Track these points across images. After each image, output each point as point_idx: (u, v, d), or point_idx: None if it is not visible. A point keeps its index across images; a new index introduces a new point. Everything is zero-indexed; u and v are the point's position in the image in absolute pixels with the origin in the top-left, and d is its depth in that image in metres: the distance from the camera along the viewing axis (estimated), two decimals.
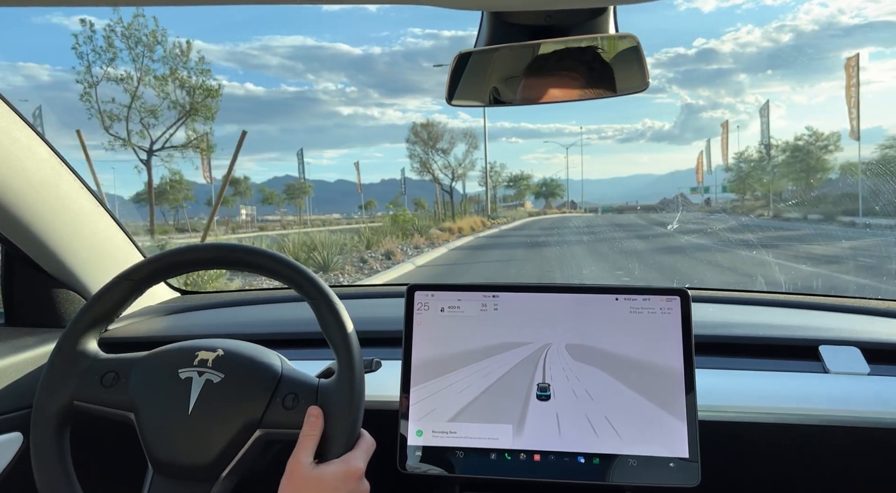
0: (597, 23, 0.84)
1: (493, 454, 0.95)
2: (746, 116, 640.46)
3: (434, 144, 33.85)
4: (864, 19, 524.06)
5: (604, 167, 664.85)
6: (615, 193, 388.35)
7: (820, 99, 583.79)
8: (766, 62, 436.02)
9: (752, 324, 1.22)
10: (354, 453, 0.83)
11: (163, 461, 0.84)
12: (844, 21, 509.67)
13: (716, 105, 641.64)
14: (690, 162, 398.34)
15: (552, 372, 0.96)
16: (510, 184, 62.32)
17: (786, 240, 15.40)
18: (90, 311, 0.90)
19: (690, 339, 0.95)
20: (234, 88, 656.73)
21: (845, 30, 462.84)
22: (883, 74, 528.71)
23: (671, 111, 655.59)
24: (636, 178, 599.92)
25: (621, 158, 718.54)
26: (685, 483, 0.90)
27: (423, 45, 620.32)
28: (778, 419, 1.02)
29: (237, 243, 0.93)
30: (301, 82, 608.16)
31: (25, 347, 1.12)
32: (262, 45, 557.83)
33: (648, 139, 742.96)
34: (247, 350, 0.90)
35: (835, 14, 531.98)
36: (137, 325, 1.37)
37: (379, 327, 1.24)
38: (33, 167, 1.10)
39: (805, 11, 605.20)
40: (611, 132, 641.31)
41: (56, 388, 0.86)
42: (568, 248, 14.78)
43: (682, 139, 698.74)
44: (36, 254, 1.20)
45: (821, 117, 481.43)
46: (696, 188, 59.15)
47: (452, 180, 34.78)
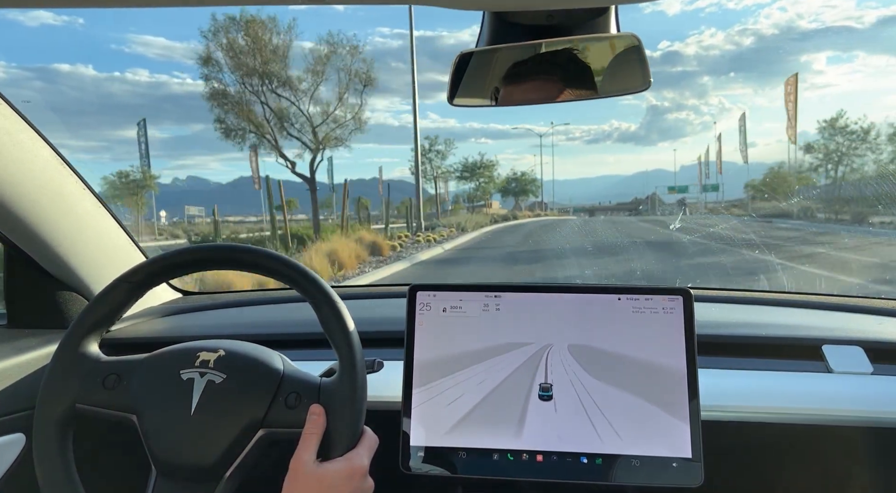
0: (598, 22, 0.84)
1: (496, 455, 0.94)
2: (710, 117, 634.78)
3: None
4: (821, 24, 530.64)
5: (572, 168, 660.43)
6: (583, 194, 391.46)
7: (780, 102, 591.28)
8: (728, 65, 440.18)
9: (755, 324, 1.22)
10: (358, 450, 0.83)
11: (166, 463, 0.84)
12: (803, 26, 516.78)
13: (680, 107, 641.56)
14: (656, 163, 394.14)
15: (554, 372, 0.96)
16: (465, 174, 47.47)
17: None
18: (90, 314, 0.90)
19: (693, 338, 0.95)
20: (199, 85, 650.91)
21: (804, 34, 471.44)
22: (839, 78, 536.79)
23: (637, 113, 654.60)
24: (603, 178, 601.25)
25: (589, 158, 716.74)
26: (688, 484, 0.90)
27: (392, 44, 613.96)
28: (781, 418, 1.02)
29: (238, 244, 0.93)
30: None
31: (28, 348, 1.12)
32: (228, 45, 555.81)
33: (615, 140, 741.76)
34: (248, 350, 0.90)
35: (794, 19, 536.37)
36: (139, 326, 1.38)
37: (381, 328, 1.24)
38: (36, 169, 1.10)
39: (766, 16, 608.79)
40: (578, 133, 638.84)
41: (58, 391, 0.86)
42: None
43: (647, 140, 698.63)
44: (38, 255, 1.20)
45: (781, 120, 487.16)
46: (673, 188, 57.95)
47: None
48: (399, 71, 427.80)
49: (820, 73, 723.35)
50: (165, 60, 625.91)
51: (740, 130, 35.55)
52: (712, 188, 49.74)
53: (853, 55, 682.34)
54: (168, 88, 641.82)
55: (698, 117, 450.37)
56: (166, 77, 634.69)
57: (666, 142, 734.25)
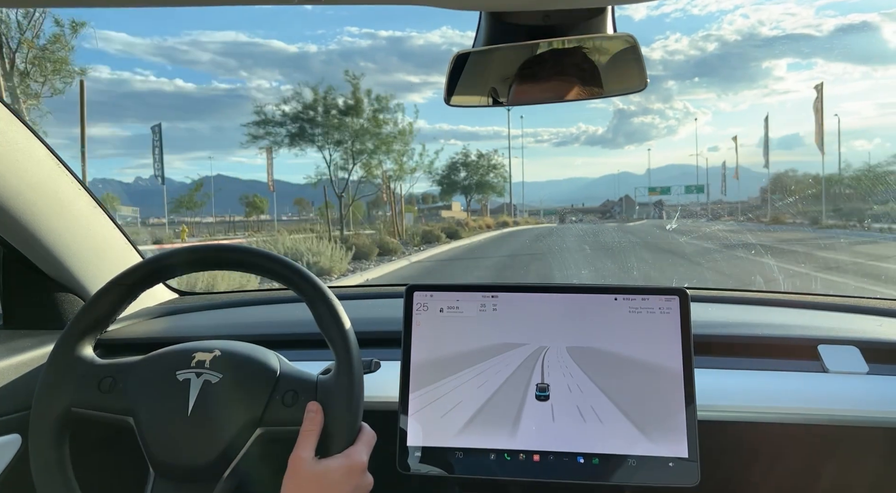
0: (594, 23, 0.84)
1: (493, 455, 0.94)
2: (675, 121, 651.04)
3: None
4: (782, 31, 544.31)
5: (540, 170, 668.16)
6: (553, 196, 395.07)
7: (743, 106, 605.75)
8: (693, 70, 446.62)
9: (751, 323, 1.22)
10: (356, 447, 0.83)
11: (164, 464, 0.84)
12: (765, 32, 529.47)
13: (646, 111, 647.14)
14: (623, 166, 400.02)
15: (551, 372, 0.96)
16: (442, 181, 36.70)
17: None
18: (85, 316, 0.90)
19: (689, 338, 0.95)
20: (163, 83, 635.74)
21: (766, 40, 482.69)
22: (799, 84, 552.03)
23: (604, 116, 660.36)
24: (572, 181, 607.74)
25: (557, 161, 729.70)
26: (684, 483, 0.90)
27: (360, 44, 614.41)
28: (777, 418, 1.02)
29: (233, 244, 0.93)
30: (234, 79, 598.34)
31: (24, 348, 1.12)
32: (192, 41, 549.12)
33: (583, 143, 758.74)
34: (244, 350, 0.90)
35: (756, 25, 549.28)
36: (135, 326, 1.37)
37: (378, 328, 1.24)
38: (31, 169, 1.09)
39: (729, 22, 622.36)
40: (546, 136, 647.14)
41: (53, 395, 0.86)
42: None
43: (614, 143, 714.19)
44: (34, 256, 1.20)
45: (744, 124, 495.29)
46: (654, 188, 55.54)
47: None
48: (368, 70, 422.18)
49: (781, 80, 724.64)
50: (127, 56, 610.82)
51: (764, 137, 35.02)
52: (697, 190, 48.65)
53: (812, 62, 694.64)
54: (130, 86, 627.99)
55: (663, 121, 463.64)
56: (129, 74, 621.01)
57: (632, 145, 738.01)
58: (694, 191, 48.14)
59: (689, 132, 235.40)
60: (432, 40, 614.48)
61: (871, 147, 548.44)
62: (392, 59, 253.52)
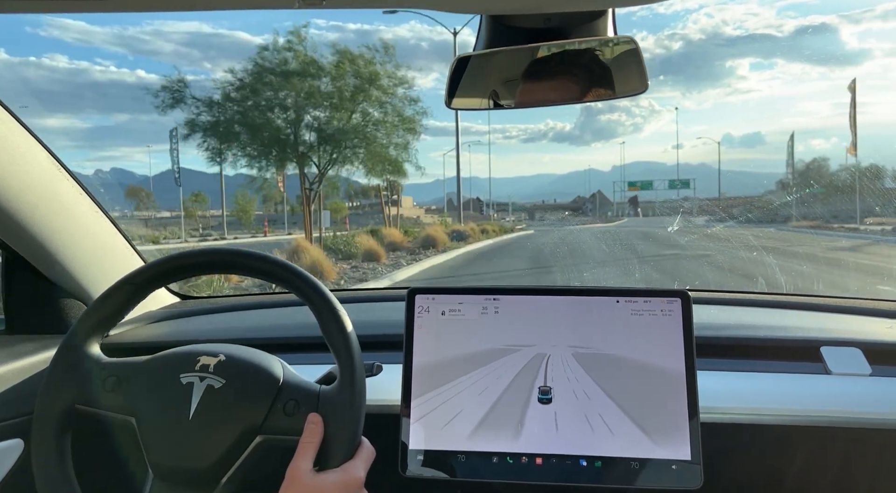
0: (595, 25, 0.84)
1: (495, 458, 0.94)
2: (641, 119, 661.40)
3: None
4: (745, 31, 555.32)
5: (508, 166, 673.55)
6: (521, 192, 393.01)
7: (707, 105, 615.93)
8: (658, 68, 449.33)
9: (753, 325, 1.22)
10: (354, 462, 0.82)
11: (163, 466, 0.84)
12: (728, 32, 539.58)
13: (613, 108, 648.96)
14: (590, 163, 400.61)
15: (553, 375, 0.96)
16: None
17: None
18: (92, 315, 0.90)
19: (691, 340, 0.95)
20: (124, 74, 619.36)
21: (729, 40, 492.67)
22: (761, 84, 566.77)
23: (572, 113, 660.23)
24: (540, 177, 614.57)
25: (525, 157, 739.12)
26: (687, 486, 0.90)
27: (328, 37, 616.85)
28: (780, 420, 1.02)
29: (239, 248, 0.93)
30: (197, 71, 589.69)
31: (26, 353, 1.12)
32: (155, 30, 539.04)
33: (550, 140, 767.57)
34: (248, 356, 0.90)
35: (720, 25, 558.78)
36: (138, 330, 1.37)
37: (379, 331, 1.24)
38: (33, 173, 1.10)
39: (693, 21, 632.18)
40: (515, 132, 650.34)
41: (58, 391, 0.86)
42: None
43: (581, 140, 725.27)
44: (36, 260, 1.20)
45: (708, 123, 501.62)
46: (634, 183, 50.60)
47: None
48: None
49: (744, 79, 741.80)
50: (85, 46, 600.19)
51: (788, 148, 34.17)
52: (682, 185, 45.97)
53: (773, 62, 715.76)
54: (89, 76, 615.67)
55: (630, 119, 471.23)
56: (87, 64, 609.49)
57: (599, 142, 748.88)
58: (679, 186, 45.50)
59: (654, 130, 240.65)
60: (401, 34, 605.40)
61: (828, 146, 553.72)
62: (361, 53, 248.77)
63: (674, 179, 45.50)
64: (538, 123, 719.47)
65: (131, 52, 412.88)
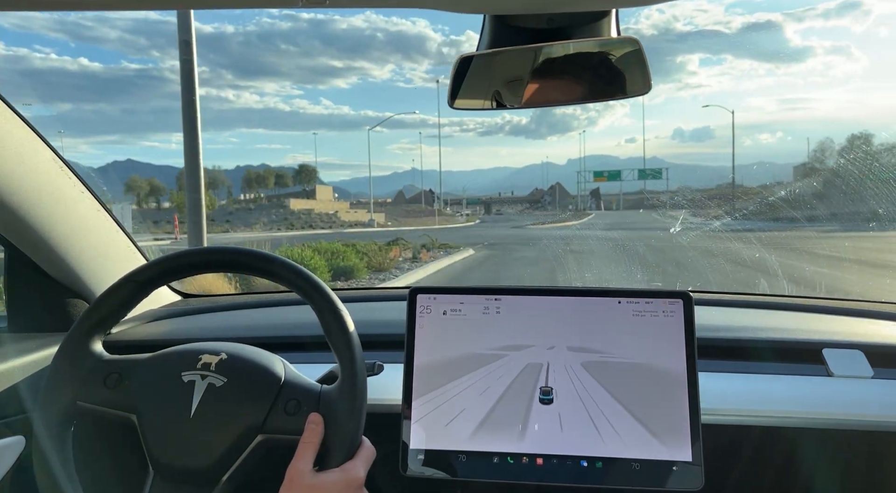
0: (599, 26, 0.84)
1: (496, 458, 0.94)
2: (595, 113, 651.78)
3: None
4: (695, 27, 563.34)
5: (465, 159, 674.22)
6: (478, 185, 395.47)
7: (659, 99, 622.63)
8: None
9: (756, 327, 1.22)
10: (354, 462, 0.83)
11: (163, 464, 0.84)
12: (679, 27, 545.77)
13: None
14: (545, 156, 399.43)
15: (555, 375, 0.96)
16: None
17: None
18: (95, 312, 0.90)
19: (693, 342, 0.95)
20: (66, 62, 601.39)
21: (679, 36, 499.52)
22: (710, 79, 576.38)
23: None
24: (497, 170, 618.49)
25: (482, 150, 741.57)
26: (689, 487, 0.90)
27: (281, 26, 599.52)
28: (781, 422, 1.02)
29: (241, 247, 0.93)
30: (145, 59, 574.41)
31: (28, 350, 1.12)
32: (98, 16, 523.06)
33: (507, 133, 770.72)
34: (250, 355, 0.90)
35: (671, 20, 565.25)
36: (140, 328, 1.37)
37: (381, 331, 1.24)
38: (36, 171, 1.10)
39: (646, 16, 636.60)
40: (472, 125, 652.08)
41: (60, 387, 0.86)
42: None
43: (537, 134, 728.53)
44: (39, 258, 1.20)
45: (659, 117, 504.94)
46: (601, 173, 44.35)
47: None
48: (289, 54, 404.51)
49: (693, 74, 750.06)
50: (23, 31, 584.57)
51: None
52: (653, 175, 41.59)
53: (722, 58, 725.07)
54: (29, 63, 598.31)
55: (584, 113, 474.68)
56: (26, 51, 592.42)
57: (555, 136, 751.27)
58: (650, 176, 42.46)
59: (608, 123, 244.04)
60: (356, 24, 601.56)
61: (773, 141, 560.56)
62: (314, 43, 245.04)
63: (644, 169, 42.33)
64: (495, 117, 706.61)
65: (74, 38, 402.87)
